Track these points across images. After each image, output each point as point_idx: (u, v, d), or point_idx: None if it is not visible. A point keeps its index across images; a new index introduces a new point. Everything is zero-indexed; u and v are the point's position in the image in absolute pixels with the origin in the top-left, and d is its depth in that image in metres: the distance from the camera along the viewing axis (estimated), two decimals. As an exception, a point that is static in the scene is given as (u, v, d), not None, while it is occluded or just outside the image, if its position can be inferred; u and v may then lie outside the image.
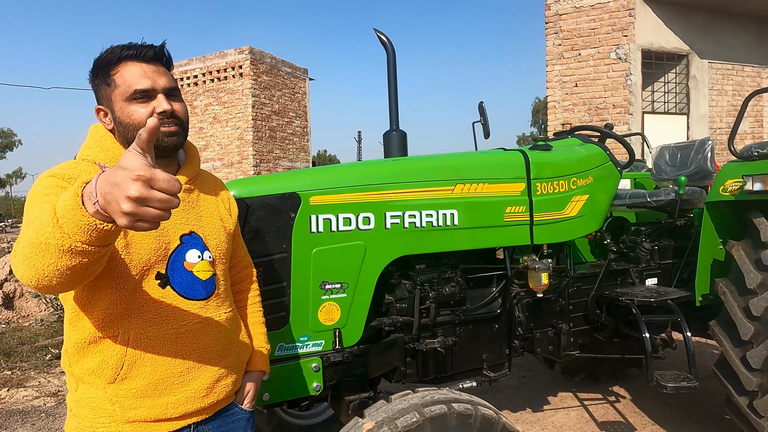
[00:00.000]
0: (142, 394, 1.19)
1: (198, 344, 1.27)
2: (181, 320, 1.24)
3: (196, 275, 1.28)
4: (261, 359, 1.50)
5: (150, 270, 1.20)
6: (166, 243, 1.24)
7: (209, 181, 1.47)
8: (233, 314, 1.40)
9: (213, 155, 14.01)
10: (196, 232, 1.31)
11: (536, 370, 4.24)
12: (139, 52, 1.26)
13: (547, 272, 2.34)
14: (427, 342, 2.20)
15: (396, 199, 2.05)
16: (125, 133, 1.26)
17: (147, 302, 1.20)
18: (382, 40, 2.93)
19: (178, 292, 1.25)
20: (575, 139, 2.76)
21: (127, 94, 1.24)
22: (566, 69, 8.69)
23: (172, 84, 1.31)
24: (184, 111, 1.34)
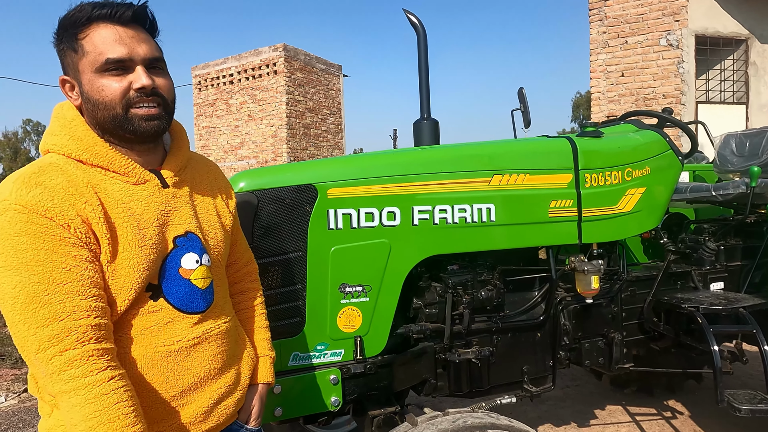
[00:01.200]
0: None
1: (194, 363, 1.08)
2: (175, 337, 1.06)
3: (194, 284, 1.08)
4: (266, 370, 1.30)
5: (146, 283, 1.03)
6: (161, 249, 1.05)
7: (202, 168, 1.25)
8: (233, 323, 1.21)
9: (248, 153, 14.09)
10: (193, 231, 1.11)
11: (582, 380, 3.91)
12: (114, 12, 1.01)
13: (597, 275, 2.06)
14: (461, 352, 1.97)
15: (425, 191, 1.82)
16: (94, 111, 1.03)
17: (135, 318, 1.02)
18: (413, 22, 2.71)
19: (174, 304, 1.06)
20: (629, 125, 2.45)
21: (98, 64, 1.00)
22: (611, 58, 8.21)
23: (154, 53, 1.06)
24: (169, 88, 1.10)
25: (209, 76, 14.81)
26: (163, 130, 1.10)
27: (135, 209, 1.03)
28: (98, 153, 1.03)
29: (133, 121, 1.03)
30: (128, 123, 1.03)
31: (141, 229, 1.01)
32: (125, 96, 1.02)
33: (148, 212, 1.04)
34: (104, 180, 1.02)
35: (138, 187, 1.05)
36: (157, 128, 1.07)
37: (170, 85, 1.11)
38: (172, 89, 1.12)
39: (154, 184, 1.08)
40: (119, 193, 1.02)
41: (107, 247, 0.96)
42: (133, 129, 1.04)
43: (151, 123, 1.05)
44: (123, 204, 1.01)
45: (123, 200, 1.02)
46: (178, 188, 1.13)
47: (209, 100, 14.92)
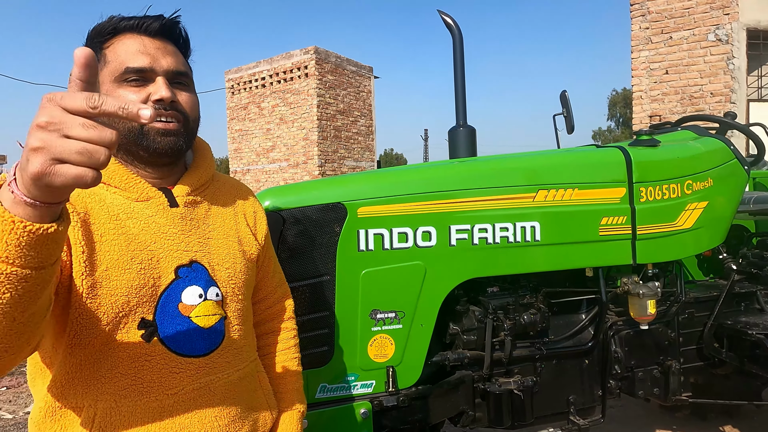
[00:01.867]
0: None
1: (193, 418, 0.93)
2: (171, 386, 0.91)
3: (194, 322, 0.94)
4: (291, 426, 1.13)
5: (130, 316, 0.88)
6: (155, 278, 0.90)
7: (227, 189, 1.11)
8: (251, 370, 1.06)
9: (279, 156, 14.17)
10: (200, 261, 0.97)
11: (628, 401, 3.65)
12: (141, 23, 0.95)
13: (654, 299, 1.87)
14: (501, 382, 1.81)
15: (463, 209, 1.67)
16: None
17: (123, 362, 0.88)
18: (448, 23, 2.57)
19: (169, 346, 0.91)
20: (688, 131, 2.24)
21: (117, 74, 0.92)
22: (655, 55, 7.83)
23: (180, 67, 0.97)
24: (192, 105, 0.99)
25: (242, 79, 14.98)
26: (180, 148, 0.97)
27: (130, 228, 0.91)
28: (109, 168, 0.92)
29: (148, 136, 0.92)
30: (143, 137, 0.92)
31: (131, 250, 0.89)
32: None
33: (144, 233, 0.91)
34: (105, 194, 0.92)
35: (139, 204, 0.93)
36: (173, 145, 0.95)
37: (194, 103, 1.00)
38: (197, 108, 1.01)
39: (159, 202, 0.96)
40: (117, 208, 0.91)
41: (81, 254, 0.83)
42: (147, 144, 0.93)
43: (167, 139, 0.94)
44: (117, 220, 0.90)
45: (119, 216, 0.91)
46: (190, 209, 0.99)
47: (242, 103, 15.09)
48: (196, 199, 1.01)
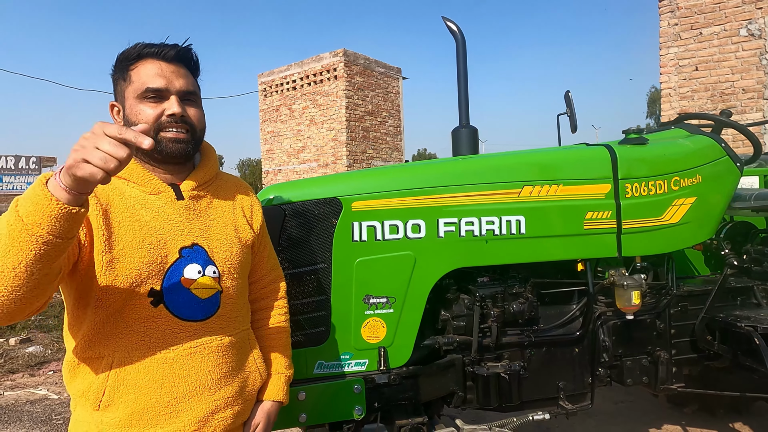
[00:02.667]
0: (126, 423, 1.09)
1: (190, 371, 1.13)
2: (172, 343, 1.12)
3: (193, 293, 1.14)
4: (277, 388, 1.33)
5: (141, 286, 1.09)
6: (162, 256, 1.12)
7: (228, 186, 1.33)
8: (242, 337, 1.26)
9: (309, 156, 14.50)
10: (200, 244, 1.18)
11: (637, 396, 3.71)
12: (160, 51, 1.17)
13: (638, 290, 1.96)
14: (490, 366, 1.94)
15: (450, 204, 1.81)
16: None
17: (135, 322, 1.10)
18: (452, 29, 2.70)
19: (172, 311, 1.12)
20: (680, 130, 2.30)
21: (139, 92, 1.15)
22: (684, 51, 7.68)
23: (189, 87, 1.20)
24: (199, 118, 1.22)
25: (274, 82, 15.39)
26: (188, 153, 1.20)
27: (143, 216, 1.12)
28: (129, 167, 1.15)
29: (161, 143, 1.15)
30: (157, 144, 1.14)
31: (143, 233, 1.10)
32: (157, 120, 1.15)
33: (155, 220, 1.13)
34: (124, 188, 1.14)
35: (152, 196, 1.16)
36: (182, 151, 1.18)
37: (200, 116, 1.22)
38: (202, 120, 1.24)
39: (168, 195, 1.18)
40: (133, 200, 1.14)
41: (102, 236, 1.05)
42: (161, 150, 1.15)
43: (177, 145, 1.17)
44: (132, 209, 1.12)
45: (135, 206, 1.13)
46: (194, 201, 1.21)
47: (273, 105, 15.50)
48: (200, 193, 1.23)
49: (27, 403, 4.06)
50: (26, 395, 4.25)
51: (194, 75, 1.24)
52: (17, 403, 4.05)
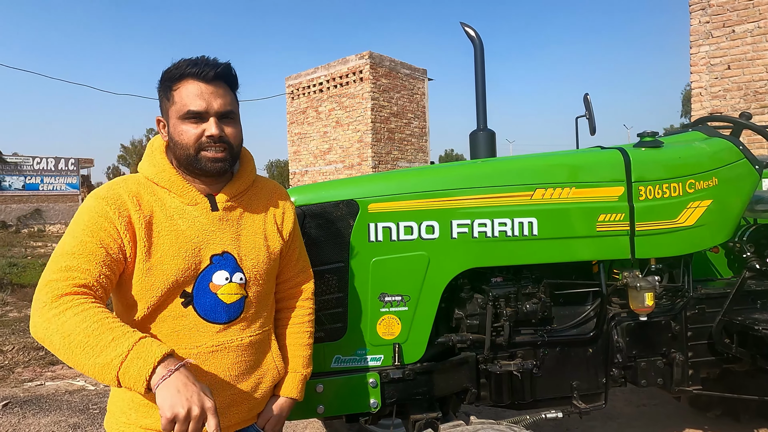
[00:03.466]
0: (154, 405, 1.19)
1: (211, 367, 1.25)
2: (197, 342, 1.24)
3: (219, 298, 1.26)
4: (292, 385, 1.43)
5: (176, 289, 1.21)
6: (196, 263, 1.23)
7: (263, 194, 1.42)
8: (262, 337, 1.36)
9: (335, 158, 14.68)
10: (230, 252, 1.28)
11: (660, 399, 3.68)
12: (201, 71, 1.24)
13: (651, 292, 1.98)
14: (502, 364, 1.99)
15: (463, 206, 1.87)
16: (174, 149, 1.28)
17: (167, 319, 1.22)
18: (469, 34, 2.77)
19: (199, 313, 1.24)
20: (698, 132, 2.30)
21: (181, 113, 1.24)
22: (716, 49, 7.50)
23: (227, 107, 1.28)
24: (236, 135, 1.30)
25: (301, 85, 15.64)
26: (226, 170, 1.30)
27: (180, 225, 1.24)
28: (165, 178, 1.28)
29: (201, 161, 1.26)
30: (197, 162, 1.26)
31: (179, 242, 1.23)
32: (198, 141, 1.24)
33: (191, 229, 1.25)
34: (166, 198, 1.26)
35: (190, 207, 1.27)
36: (220, 169, 1.28)
37: (237, 133, 1.31)
38: (239, 137, 1.32)
39: (204, 206, 1.29)
40: (172, 210, 1.25)
41: (144, 247, 1.19)
42: (201, 167, 1.26)
43: (216, 164, 1.27)
44: (171, 219, 1.24)
45: (173, 216, 1.25)
46: (228, 212, 1.31)
47: (301, 108, 15.75)
48: (233, 204, 1.34)
49: (66, 393, 4.29)
50: (65, 386, 4.49)
51: (233, 90, 1.32)
52: (57, 393, 4.28)
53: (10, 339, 5.99)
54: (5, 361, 5.19)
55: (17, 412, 3.84)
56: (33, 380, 4.66)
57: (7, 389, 4.40)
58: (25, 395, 4.22)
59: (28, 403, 4.01)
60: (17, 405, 3.98)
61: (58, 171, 33.96)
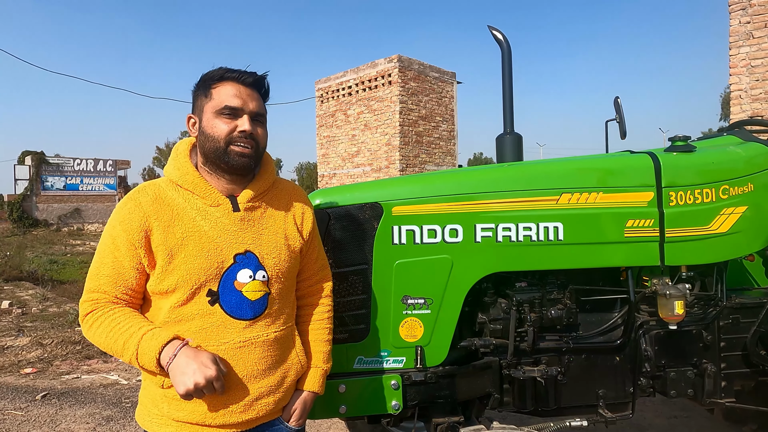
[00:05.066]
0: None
1: (238, 362, 1.29)
2: (224, 338, 1.28)
3: (244, 295, 1.30)
4: (314, 380, 1.47)
5: (203, 287, 1.27)
6: (219, 262, 1.28)
7: (283, 194, 1.47)
8: (286, 333, 1.40)
9: (363, 161, 14.75)
10: (252, 251, 1.33)
11: (692, 411, 3.57)
12: (240, 76, 1.33)
13: (681, 300, 1.93)
14: (526, 369, 1.97)
15: (488, 210, 1.87)
16: (204, 142, 1.33)
17: (195, 317, 1.27)
18: (497, 38, 2.75)
19: (225, 310, 1.29)
20: (733, 137, 2.24)
21: (218, 108, 1.31)
22: (757, 51, 7.24)
23: (260, 110, 1.36)
24: (264, 137, 1.38)
25: (330, 88, 15.80)
26: (250, 166, 1.36)
27: (203, 226, 1.30)
28: (188, 180, 1.34)
29: (229, 155, 1.31)
30: (225, 155, 1.31)
31: (203, 242, 1.28)
32: (229, 135, 1.31)
33: (213, 230, 1.30)
34: (189, 199, 1.32)
35: (213, 208, 1.32)
36: (246, 164, 1.34)
37: (265, 135, 1.39)
38: (266, 139, 1.41)
39: (226, 207, 1.34)
40: (195, 211, 1.31)
41: (165, 253, 1.26)
42: (228, 161, 1.31)
43: (242, 159, 1.33)
44: (194, 221, 1.30)
45: (196, 218, 1.30)
46: (249, 212, 1.36)
47: (330, 111, 15.91)
48: (255, 204, 1.38)
49: (100, 386, 4.44)
50: (100, 379, 4.65)
51: (264, 99, 1.40)
52: (92, 386, 4.44)
53: (50, 333, 6.24)
54: (45, 354, 5.41)
55: (54, 403, 4.00)
56: (70, 373, 4.84)
57: (46, 381, 4.59)
58: (63, 387, 4.39)
59: (65, 395, 4.17)
60: (55, 396, 4.14)
61: (96, 172, 35.19)
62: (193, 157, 1.39)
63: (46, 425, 3.61)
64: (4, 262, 13.20)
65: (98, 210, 35.03)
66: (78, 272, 14.33)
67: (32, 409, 3.87)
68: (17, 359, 5.25)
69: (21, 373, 4.80)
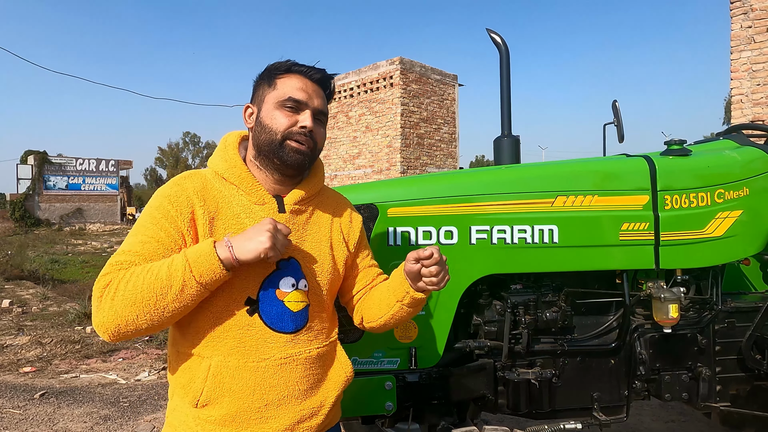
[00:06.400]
0: (221, 422, 1.16)
1: (279, 380, 1.18)
2: (264, 353, 1.17)
3: (286, 305, 1.20)
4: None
5: (240, 293, 1.17)
6: (260, 267, 1.18)
7: (330, 202, 1.39)
8: (329, 349, 1.31)
9: (364, 162, 14.78)
10: (295, 257, 1.24)
11: (690, 415, 3.56)
12: (308, 71, 1.27)
13: (676, 303, 1.93)
14: (520, 372, 1.98)
15: (483, 212, 1.87)
16: (259, 133, 1.25)
17: (232, 329, 1.16)
18: (495, 41, 2.76)
19: (265, 322, 1.18)
20: (729, 141, 2.24)
21: (281, 99, 1.23)
22: (758, 55, 7.25)
23: (324, 109, 1.29)
24: (322, 138, 1.31)
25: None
26: (304, 165, 1.27)
27: (247, 224, 1.20)
28: (235, 174, 1.26)
29: (285, 149, 1.22)
30: (280, 150, 1.23)
31: None
32: (288, 129, 1.23)
33: None
34: (234, 195, 1.24)
35: (257, 206, 1.23)
36: (301, 162, 1.25)
37: (323, 136, 1.32)
38: (323, 140, 1.33)
39: (271, 207, 1.25)
40: (239, 207, 1.22)
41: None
42: (282, 156, 1.23)
43: (297, 156, 1.23)
44: (238, 217, 1.21)
45: (240, 214, 1.21)
46: (294, 215, 1.27)
47: (331, 112, 15.92)
48: (301, 208, 1.30)
49: (99, 385, 4.45)
50: (98, 378, 4.66)
51: (328, 101, 1.33)
52: (90, 385, 4.45)
53: (50, 332, 6.26)
54: (44, 353, 5.43)
55: (53, 402, 4.01)
56: (69, 372, 4.86)
57: (44, 380, 4.60)
58: (61, 386, 4.40)
59: (63, 394, 4.18)
60: (53, 395, 4.15)
61: (99, 172, 35.29)
62: (240, 151, 1.31)
63: (43, 424, 3.62)
64: (5, 261, 13.24)
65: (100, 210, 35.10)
66: (79, 272, 14.37)
67: (30, 408, 3.88)
68: (16, 358, 5.27)
69: (20, 372, 4.82)
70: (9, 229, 27.06)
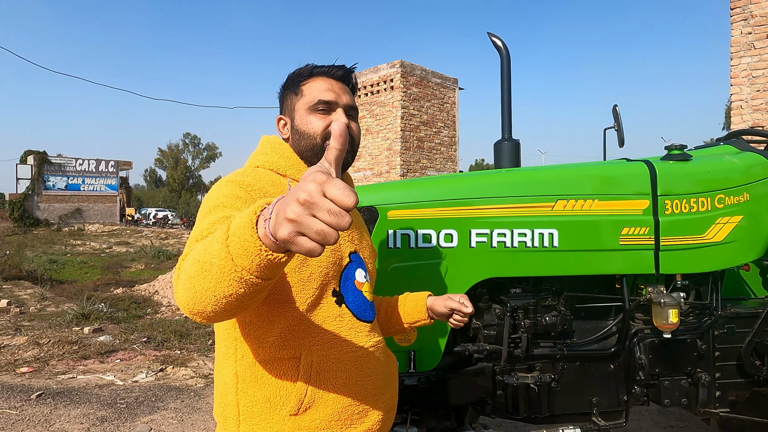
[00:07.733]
0: (325, 426, 1.10)
1: (374, 369, 1.19)
2: (357, 342, 1.17)
3: (364, 295, 1.22)
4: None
5: (328, 285, 1.15)
6: (339, 258, 1.18)
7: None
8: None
9: (364, 165, 14.78)
10: (358, 251, 1.27)
11: (689, 421, 3.55)
12: (330, 70, 1.29)
13: (676, 309, 1.92)
14: (519, 376, 1.97)
15: (483, 215, 1.87)
16: (299, 141, 1.26)
17: (326, 321, 1.13)
18: (496, 45, 2.77)
19: (352, 311, 1.18)
20: (729, 146, 2.24)
21: (311, 104, 1.25)
22: (758, 61, 7.26)
23: (353, 104, 1.31)
24: (358, 132, 1.32)
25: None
26: (349, 162, 1.26)
27: None
28: (297, 169, 1.26)
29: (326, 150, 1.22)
30: (323, 152, 1.17)
31: None
32: (325, 131, 1.24)
33: None
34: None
35: None
36: (345, 159, 1.22)
37: (359, 130, 1.33)
38: (360, 134, 1.34)
39: None
40: None
41: None
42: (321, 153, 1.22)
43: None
44: None
45: None
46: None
47: (332, 115, 15.96)
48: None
49: (96, 386, 4.44)
50: (96, 380, 4.64)
51: (353, 94, 1.35)
52: (87, 386, 4.43)
53: (47, 332, 6.24)
54: (41, 354, 5.41)
55: (49, 403, 4.00)
56: (66, 373, 4.84)
57: (41, 380, 4.59)
58: (58, 387, 4.38)
59: (60, 395, 4.17)
60: (50, 396, 4.14)
61: (98, 172, 35.30)
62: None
63: (40, 425, 3.61)
64: (3, 261, 13.22)
65: (99, 210, 35.08)
66: (77, 272, 14.34)
67: (27, 409, 3.87)
68: (13, 358, 5.26)
69: (17, 372, 4.80)
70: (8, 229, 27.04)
